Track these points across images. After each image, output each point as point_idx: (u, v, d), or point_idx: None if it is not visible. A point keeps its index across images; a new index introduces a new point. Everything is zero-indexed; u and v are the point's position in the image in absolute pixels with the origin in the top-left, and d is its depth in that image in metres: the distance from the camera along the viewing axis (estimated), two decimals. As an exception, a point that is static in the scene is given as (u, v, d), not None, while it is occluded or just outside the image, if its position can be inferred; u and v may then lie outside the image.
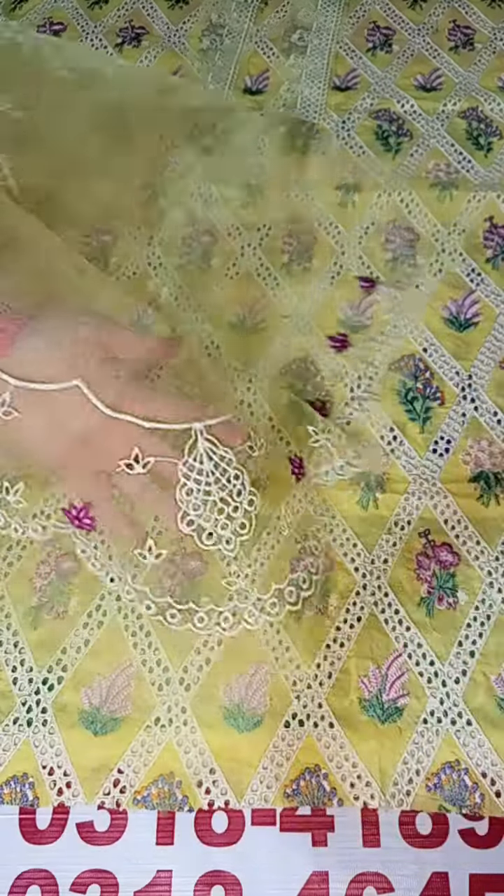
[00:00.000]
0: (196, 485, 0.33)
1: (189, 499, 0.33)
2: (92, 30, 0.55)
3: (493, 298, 0.45)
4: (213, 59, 0.54)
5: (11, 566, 0.37)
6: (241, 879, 0.32)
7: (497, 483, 0.39)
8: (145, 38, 0.55)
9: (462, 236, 0.47)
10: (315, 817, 0.33)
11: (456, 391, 0.42)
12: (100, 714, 0.34)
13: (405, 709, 0.34)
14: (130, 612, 0.36)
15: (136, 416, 0.32)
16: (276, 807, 0.33)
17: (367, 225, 0.48)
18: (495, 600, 0.37)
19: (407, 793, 0.33)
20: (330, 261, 0.46)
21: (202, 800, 0.33)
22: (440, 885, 0.32)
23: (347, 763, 0.33)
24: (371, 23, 0.56)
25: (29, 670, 0.35)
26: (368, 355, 0.43)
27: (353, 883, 0.32)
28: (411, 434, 0.41)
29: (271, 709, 0.34)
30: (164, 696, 0.34)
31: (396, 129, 0.51)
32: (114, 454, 0.33)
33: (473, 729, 0.34)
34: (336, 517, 0.38)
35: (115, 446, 0.32)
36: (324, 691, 0.35)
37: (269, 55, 0.54)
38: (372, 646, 0.36)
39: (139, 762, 0.33)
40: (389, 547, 0.38)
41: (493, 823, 0.33)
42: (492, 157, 0.50)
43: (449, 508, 0.39)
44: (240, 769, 0.33)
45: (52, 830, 0.33)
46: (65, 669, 0.35)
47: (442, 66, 0.54)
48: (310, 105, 0.52)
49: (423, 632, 0.36)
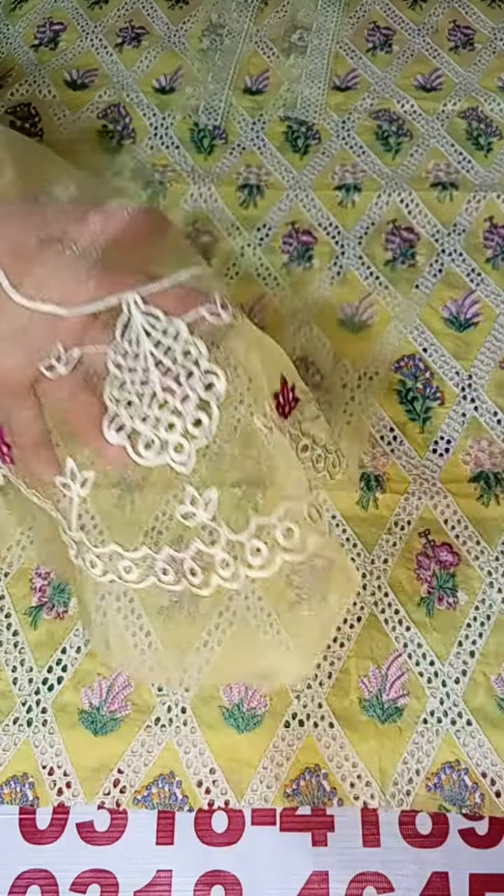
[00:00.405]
0: (130, 375, 0.24)
1: (121, 395, 0.24)
2: (92, 30, 0.55)
3: (493, 298, 0.45)
4: (213, 59, 0.54)
5: (11, 566, 0.37)
6: (241, 879, 0.32)
7: (497, 483, 0.39)
8: (145, 38, 0.55)
9: (462, 236, 0.47)
10: (315, 817, 0.33)
11: (456, 391, 0.42)
12: (100, 714, 0.34)
13: (405, 709, 0.34)
14: (130, 613, 0.36)
15: (56, 302, 0.25)
16: (276, 807, 0.33)
17: (367, 225, 0.48)
18: (495, 600, 0.37)
19: (407, 793, 0.33)
20: (329, 261, 0.46)
21: (202, 800, 0.33)
22: (440, 885, 0.32)
23: (347, 763, 0.33)
24: (371, 23, 0.56)
25: (29, 670, 0.35)
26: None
27: (353, 883, 0.32)
28: (411, 434, 0.41)
29: (271, 709, 0.34)
30: (163, 696, 0.34)
31: (396, 129, 0.51)
32: (33, 354, 0.26)
33: (473, 729, 0.34)
34: (336, 517, 0.38)
35: (35, 343, 0.26)
36: (324, 691, 0.35)
37: (269, 55, 0.54)
38: (372, 646, 0.36)
39: (139, 762, 0.33)
40: (389, 547, 0.38)
41: (493, 823, 0.33)
42: (492, 157, 0.50)
43: (449, 508, 0.39)
44: (240, 769, 0.33)
45: (52, 830, 0.33)
46: (65, 669, 0.35)
47: (442, 66, 0.54)
48: (310, 105, 0.52)
49: (423, 632, 0.36)
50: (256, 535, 0.25)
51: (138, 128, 0.51)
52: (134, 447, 0.24)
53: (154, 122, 0.51)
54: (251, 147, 0.50)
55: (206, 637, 0.35)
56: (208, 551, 0.25)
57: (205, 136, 0.51)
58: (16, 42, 0.54)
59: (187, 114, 0.51)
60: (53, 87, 0.52)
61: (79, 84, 0.53)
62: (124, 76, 0.53)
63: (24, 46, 0.54)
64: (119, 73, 0.53)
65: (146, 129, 0.51)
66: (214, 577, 0.26)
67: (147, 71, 0.53)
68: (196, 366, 0.24)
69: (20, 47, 0.54)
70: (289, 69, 0.54)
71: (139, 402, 0.24)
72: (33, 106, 0.51)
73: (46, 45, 0.54)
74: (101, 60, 0.53)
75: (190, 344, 0.24)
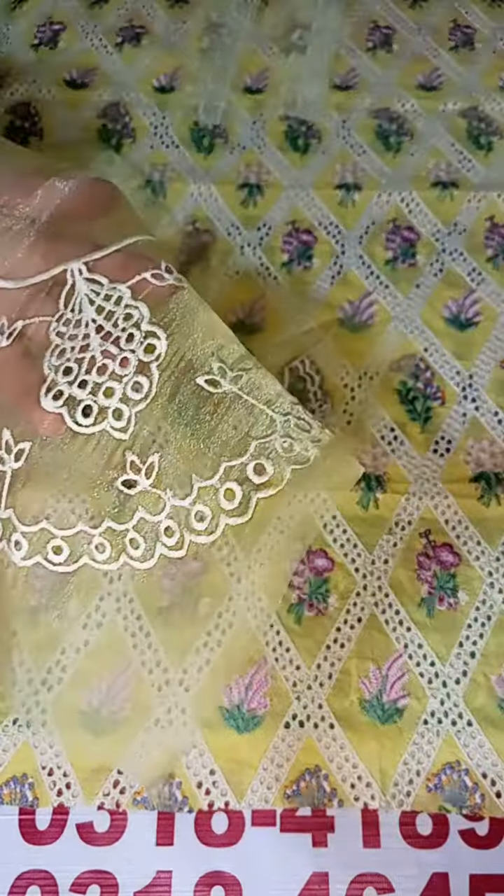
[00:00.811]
0: (70, 342, 0.24)
1: (59, 362, 0.24)
2: (92, 29, 0.55)
3: (493, 298, 0.45)
4: (213, 59, 0.54)
5: (10, 567, 0.37)
6: (242, 880, 0.32)
7: (498, 483, 0.39)
8: (145, 37, 0.55)
9: (463, 236, 0.47)
10: (315, 818, 0.33)
11: (457, 391, 0.42)
12: (99, 715, 0.34)
13: (405, 709, 0.34)
14: (130, 613, 0.36)
15: (1, 276, 0.24)
16: (276, 807, 0.33)
17: (367, 224, 0.48)
18: (496, 601, 0.37)
19: (407, 793, 0.33)
20: (330, 260, 0.46)
21: (202, 801, 0.33)
22: (440, 886, 0.32)
23: (348, 764, 0.33)
24: (371, 22, 0.56)
25: (28, 671, 0.35)
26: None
27: (354, 883, 0.32)
28: (412, 434, 0.41)
29: (271, 709, 0.34)
30: (163, 697, 0.34)
31: (397, 128, 0.51)
32: None
33: (474, 730, 0.34)
34: (336, 517, 0.38)
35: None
36: (324, 692, 0.35)
37: (268, 54, 0.54)
38: (372, 646, 0.35)
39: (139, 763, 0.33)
40: (390, 547, 0.38)
41: (494, 824, 0.33)
42: (492, 157, 0.50)
43: (450, 509, 0.39)
44: (240, 770, 0.33)
45: (52, 831, 0.33)
46: (64, 670, 0.35)
47: (442, 65, 0.54)
48: (310, 104, 0.52)
49: (424, 632, 0.36)
50: (199, 500, 0.25)
51: (138, 127, 0.51)
52: (72, 415, 0.24)
53: (154, 121, 0.51)
54: (251, 146, 0.50)
55: (206, 637, 0.35)
56: (152, 519, 0.25)
57: (205, 135, 0.50)
58: (16, 42, 0.54)
59: (187, 113, 0.51)
60: (53, 87, 0.52)
61: (79, 84, 0.52)
62: (124, 75, 0.53)
63: (24, 46, 0.54)
64: (119, 72, 0.53)
65: (146, 129, 0.51)
66: (159, 547, 0.26)
67: (147, 70, 0.53)
68: (137, 328, 0.24)
69: (20, 47, 0.54)
70: (289, 68, 0.54)
71: (77, 369, 0.24)
72: (33, 106, 0.51)
73: (46, 45, 0.54)
74: (100, 60, 0.53)
75: (132, 307, 0.24)
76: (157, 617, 0.36)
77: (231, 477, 0.25)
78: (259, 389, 0.25)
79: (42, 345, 0.25)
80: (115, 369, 0.23)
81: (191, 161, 0.49)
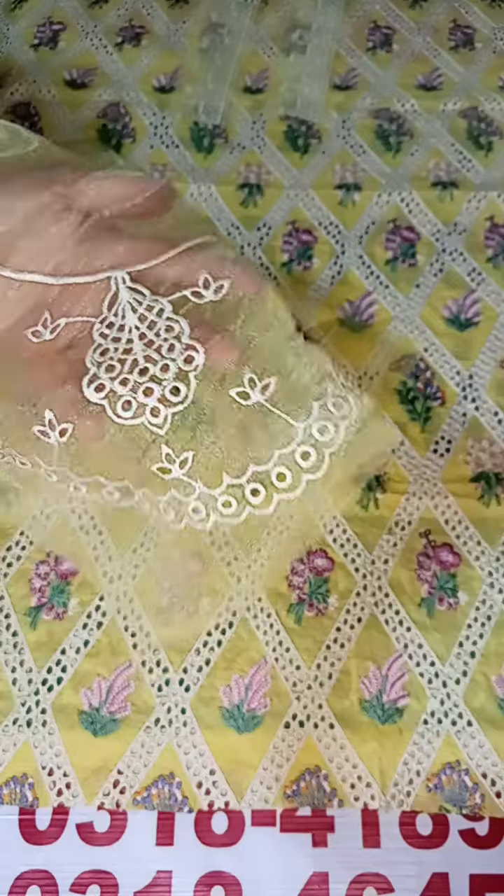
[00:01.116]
0: (114, 344, 0.25)
1: (102, 360, 0.25)
2: (92, 29, 0.55)
3: (493, 298, 0.45)
4: (213, 59, 0.54)
5: (11, 566, 0.37)
6: (242, 880, 0.32)
7: (498, 483, 0.39)
8: (145, 37, 0.55)
9: (463, 236, 0.47)
10: (315, 818, 0.33)
11: (457, 391, 0.42)
12: (99, 715, 0.34)
13: (405, 709, 0.34)
14: (130, 613, 0.36)
15: (45, 272, 0.26)
16: (276, 807, 0.33)
17: (367, 224, 0.48)
18: (496, 601, 0.37)
19: (407, 793, 0.33)
20: (330, 260, 0.46)
21: (202, 801, 0.33)
22: (440, 886, 0.32)
23: (348, 764, 0.33)
24: (371, 22, 0.56)
25: (28, 671, 0.35)
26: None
27: (354, 883, 0.32)
28: (412, 434, 0.41)
29: (271, 709, 0.34)
30: (163, 697, 0.34)
31: (397, 128, 0.51)
32: (20, 322, 0.27)
33: (474, 730, 0.34)
34: (336, 517, 0.38)
35: (20, 312, 0.27)
36: (324, 692, 0.35)
37: (268, 54, 0.54)
38: (372, 646, 0.35)
39: (139, 763, 0.33)
40: (390, 547, 0.38)
41: (494, 824, 0.33)
42: (492, 157, 0.50)
43: (450, 509, 0.39)
44: (240, 770, 0.33)
45: (52, 831, 0.33)
46: (64, 670, 0.35)
47: (442, 65, 0.54)
48: (310, 104, 0.52)
49: (424, 632, 0.36)
50: (227, 493, 0.27)
51: (138, 127, 0.51)
52: (112, 408, 0.25)
53: (154, 121, 0.51)
54: (251, 146, 0.50)
55: (206, 637, 0.35)
56: (182, 499, 0.27)
57: (205, 135, 0.50)
58: (16, 42, 0.54)
59: (187, 113, 0.51)
60: (53, 87, 0.52)
61: (79, 83, 0.52)
62: (124, 75, 0.53)
63: (24, 46, 0.54)
64: (119, 72, 0.53)
65: (146, 129, 0.51)
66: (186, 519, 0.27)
67: (147, 70, 0.53)
68: (178, 340, 0.25)
69: (20, 47, 0.54)
70: (289, 68, 0.53)
71: (120, 368, 0.25)
72: (33, 105, 0.51)
73: (46, 45, 0.54)
74: (100, 60, 0.53)
75: (173, 321, 0.25)
76: (157, 617, 0.36)
77: (256, 479, 0.27)
78: (288, 396, 0.27)
79: (78, 339, 0.26)
80: (156, 373, 0.25)
81: (191, 161, 0.49)
